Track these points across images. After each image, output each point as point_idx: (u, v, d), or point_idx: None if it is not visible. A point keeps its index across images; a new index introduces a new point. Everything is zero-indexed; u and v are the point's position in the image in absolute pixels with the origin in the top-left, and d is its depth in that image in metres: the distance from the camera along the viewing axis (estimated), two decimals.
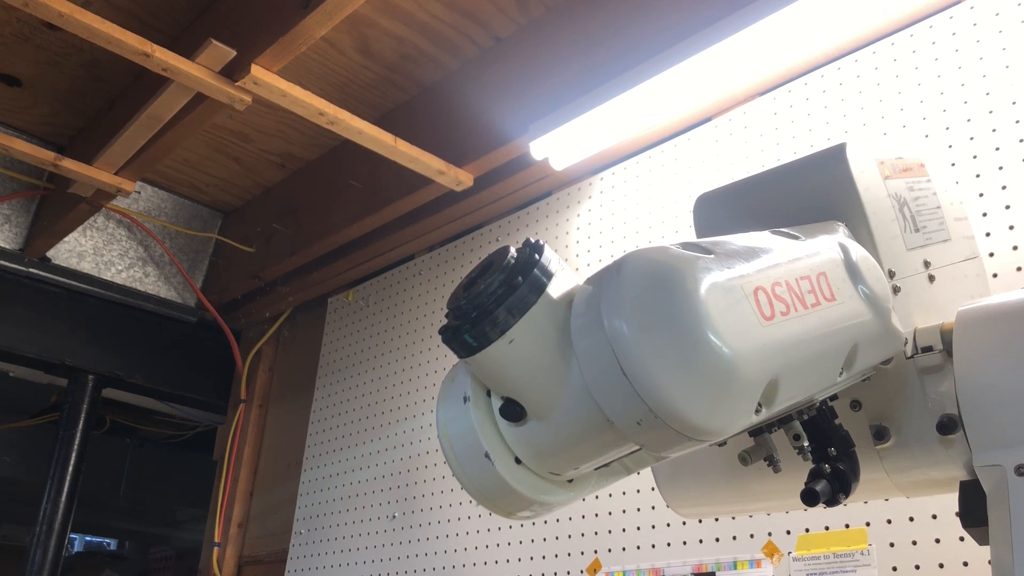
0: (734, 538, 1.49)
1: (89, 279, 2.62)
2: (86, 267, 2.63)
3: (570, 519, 1.76)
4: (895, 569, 1.28)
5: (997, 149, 1.34)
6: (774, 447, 0.81)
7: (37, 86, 2.36)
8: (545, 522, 1.80)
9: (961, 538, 1.22)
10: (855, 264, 0.81)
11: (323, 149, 2.54)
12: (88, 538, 5.76)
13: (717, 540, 1.51)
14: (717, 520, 1.52)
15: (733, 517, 1.49)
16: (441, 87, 2.17)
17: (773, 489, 0.93)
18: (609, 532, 1.69)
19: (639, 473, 1.34)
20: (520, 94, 1.92)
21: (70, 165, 2.13)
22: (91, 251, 2.65)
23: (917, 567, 1.26)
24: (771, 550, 1.43)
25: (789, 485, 0.87)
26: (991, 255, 1.29)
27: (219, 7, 1.99)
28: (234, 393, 2.88)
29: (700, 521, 1.54)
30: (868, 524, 1.33)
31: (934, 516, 1.26)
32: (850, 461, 0.82)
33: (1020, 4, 1.38)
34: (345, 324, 2.60)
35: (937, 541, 1.25)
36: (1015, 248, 1.28)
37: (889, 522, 1.31)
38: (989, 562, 0.75)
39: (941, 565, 1.23)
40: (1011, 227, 1.29)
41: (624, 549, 1.65)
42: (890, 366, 0.85)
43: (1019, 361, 0.76)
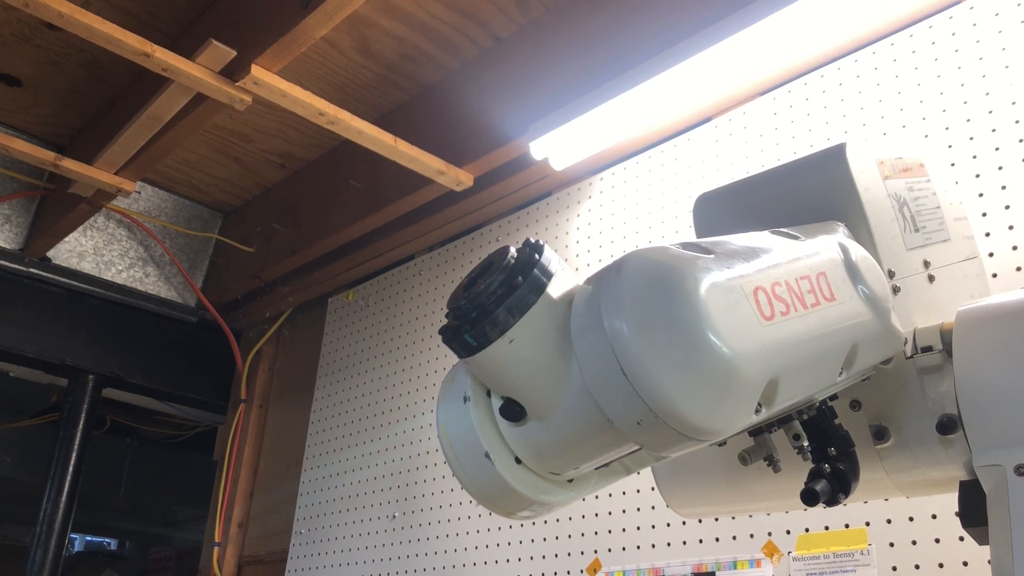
0: (734, 538, 1.49)
1: (89, 279, 2.62)
2: (86, 267, 2.63)
3: (570, 519, 1.76)
4: (895, 569, 1.28)
5: (997, 149, 1.34)
6: (774, 447, 0.82)
7: (37, 86, 2.36)
8: (545, 522, 1.80)
9: (961, 538, 1.22)
10: (855, 264, 0.81)
11: (323, 149, 2.54)
12: (88, 538, 5.76)
13: (717, 540, 1.51)
14: (717, 520, 1.52)
15: (733, 517, 1.49)
16: (441, 87, 2.17)
17: (773, 489, 0.93)
18: (609, 532, 1.69)
19: (639, 473, 1.34)
20: (520, 94, 1.92)
21: (70, 165, 2.13)
22: (91, 251, 2.65)
23: (917, 567, 1.26)
24: (771, 550, 1.43)
25: (789, 485, 0.87)
26: (991, 255, 1.30)
27: (219, 7, 1.99)
28: (234, 393, 2.88)
29: (700, 521, 1.54)
30: (868, 524, 1.33)
31: (934, 516, 1.26)
32: (850, 461, 0.82)
33: (1020, 4, 1.38)
34: (345, 324, 2.60)
35: (937, 541, 1.25)
36: (1015, 248, 1.28)
37: (889, 522, 1.31)
38: (989, 562, 0.75)
39: (941, 565, 1.23)
40: (1011, 227, 1.29)
41: (624, 549, 1.65)
42: (890, 366, 0.85)
43: (1019, 361, 0.76)
